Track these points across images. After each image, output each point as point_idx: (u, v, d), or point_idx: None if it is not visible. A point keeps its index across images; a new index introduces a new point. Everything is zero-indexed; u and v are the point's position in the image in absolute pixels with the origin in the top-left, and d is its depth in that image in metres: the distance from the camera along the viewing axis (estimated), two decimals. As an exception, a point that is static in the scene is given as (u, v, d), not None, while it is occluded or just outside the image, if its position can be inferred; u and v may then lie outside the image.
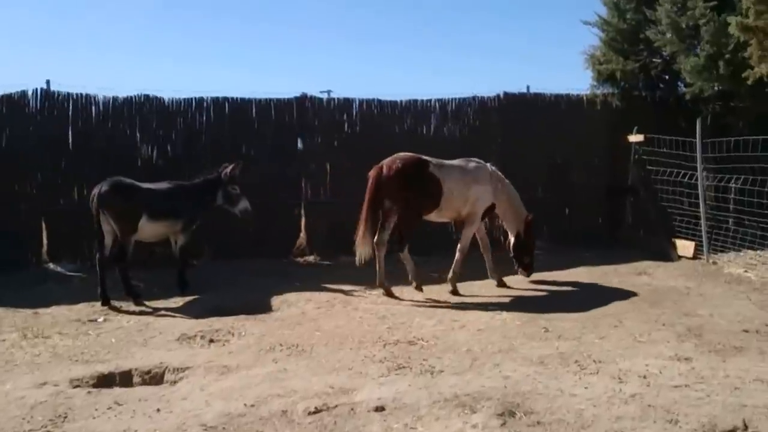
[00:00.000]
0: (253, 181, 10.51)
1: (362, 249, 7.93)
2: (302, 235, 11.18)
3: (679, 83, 11.29)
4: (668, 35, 9.89)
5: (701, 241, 9.59)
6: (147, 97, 10.37)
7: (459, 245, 8.16)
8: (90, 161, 9.73)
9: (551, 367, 4.85)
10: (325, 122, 11.06)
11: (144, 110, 10.33)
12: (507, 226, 8.74)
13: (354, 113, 11.20)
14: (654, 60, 11.26)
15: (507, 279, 8.45)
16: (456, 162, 8.27)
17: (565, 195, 11.86)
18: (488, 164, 8.46)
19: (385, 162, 8.02)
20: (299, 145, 11.05)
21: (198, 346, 5.78)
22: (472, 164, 8.29)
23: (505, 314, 6.73)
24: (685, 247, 9.92)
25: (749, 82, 8.18)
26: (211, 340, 5.93)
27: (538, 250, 11.46)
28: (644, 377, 4.54)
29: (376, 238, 8.01)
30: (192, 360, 5.24)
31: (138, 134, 10.30)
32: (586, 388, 4.36)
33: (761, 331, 5.76)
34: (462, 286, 8.06)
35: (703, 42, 9.29)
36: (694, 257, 9.65)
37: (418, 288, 8.03)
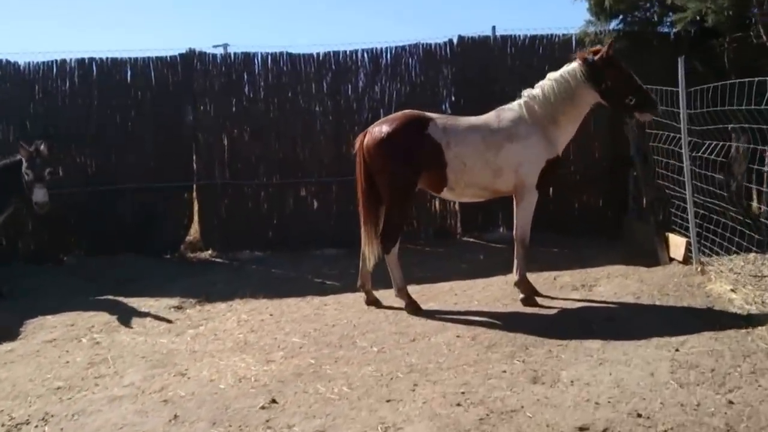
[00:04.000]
0: (133, 160, 8.90)
1: (369, 249, 5.96)
2: (195, 225, 9.36)
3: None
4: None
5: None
6: (-1, 61, 8.90)
7: (516, 234, 5.95)
8: None
9: None
10: (220, 84, 9.11)
11: (-6, 76, 8.88)
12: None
13: (257, 71, 9.16)
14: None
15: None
16: (482, 117, 5.89)
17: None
18: (523, 97, 5.82)
19: (374, 125, 5.95)
20: (188, 113, 9.17)
21: None
22: (507, 114, 5.79)
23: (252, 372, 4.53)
24: (676, 245, 7.05)
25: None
26: None
27: (498, 243, 9.08)
28: None
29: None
30: None
31: (-14, 107, 8.88)
32: None
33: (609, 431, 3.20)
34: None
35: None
36: (685, 261, 6.79)
37: (410, 305, 5.87)
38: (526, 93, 5.81)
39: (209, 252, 9.16)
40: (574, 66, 5.67)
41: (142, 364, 4.76)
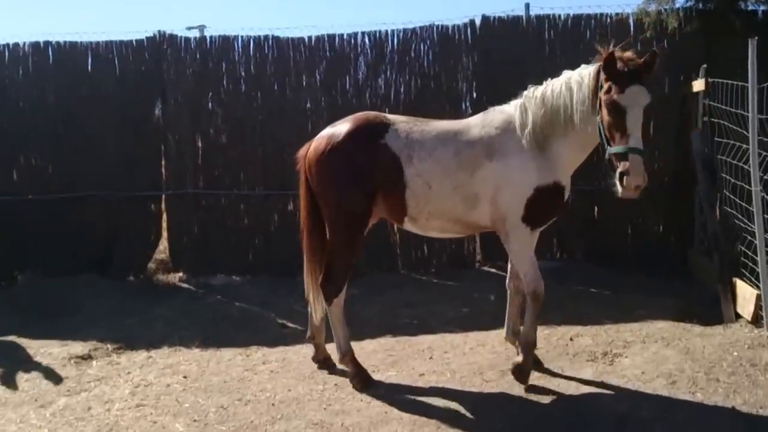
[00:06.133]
0: (93, 163, 8.12)
1: (314, 296, 4.93)
2: (164, 242, 8.43)
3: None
4: None
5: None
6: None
7: (525, 287, 4.52)
8: None
9: None
10: (194, 74, 8.07)
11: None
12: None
13: (237, 59, 8.08)
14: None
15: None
16: (464, 122, 4.67)
17: (598, 187, 7.65)
18: (523, 96, 4.51)
19: (323, 131, 4.82)
20: (156, 109, 8.21)
21: None
22: (496, 118, 4.50)
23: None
24: (745, 298, 5.50)
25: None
26: None
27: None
28: None
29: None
30: None
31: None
32: None
33: None
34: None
35: None
36: (754, 320, 5.26)
37: (356, 377, 4.68)
38: (528, 92, 4.43)
39: (179, 275, 8.18)
40: (587, 72, 4.19)
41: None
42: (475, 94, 7.85)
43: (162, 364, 5.37)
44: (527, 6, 7.87)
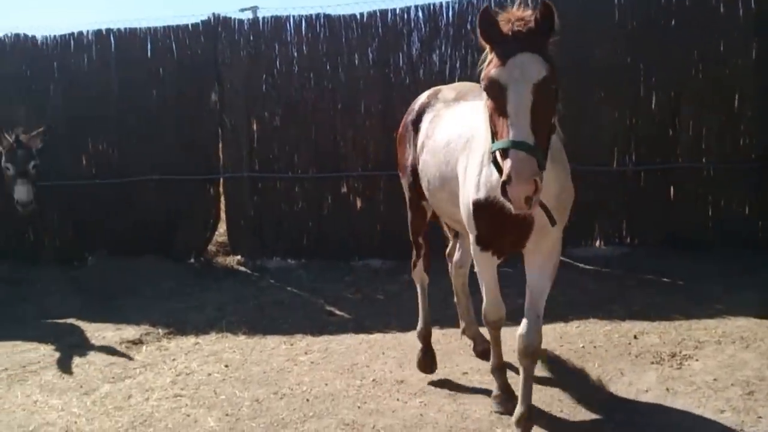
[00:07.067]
0: (153, 148, 8.06)
1: (417, 268, 4.68)
2: (222, 224, 8.33)
3: None
4: None
5: None
6: (17, 36, 8.28)
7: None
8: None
9: None
10: (248, 56, 7.85)
11: (13, 53, 8.24)
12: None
13: (289, 39, 7.80)
14: None
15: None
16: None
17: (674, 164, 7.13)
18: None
19: None
20: (212, 93, 8.05)
21: None
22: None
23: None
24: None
25: None
26: None
27: (589, 264, 6.97)
28: None
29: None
30: None
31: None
32: None
33: None
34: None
35: None
36: None
37: (422, 357, 4.44)
38: None
39: (238, 257, 8.06)
40: None
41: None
42: (539, 69, 7.26)
43: (207, 351, 5.24)
44: (594, -36, 7.17)
